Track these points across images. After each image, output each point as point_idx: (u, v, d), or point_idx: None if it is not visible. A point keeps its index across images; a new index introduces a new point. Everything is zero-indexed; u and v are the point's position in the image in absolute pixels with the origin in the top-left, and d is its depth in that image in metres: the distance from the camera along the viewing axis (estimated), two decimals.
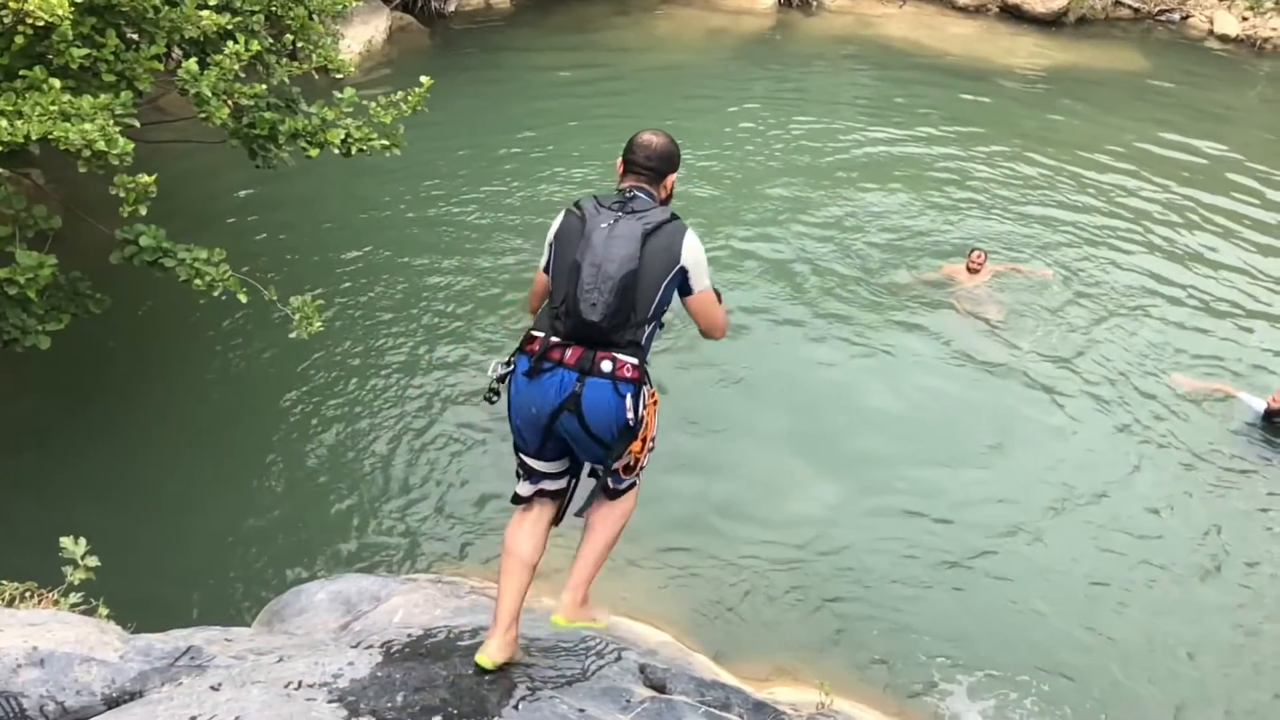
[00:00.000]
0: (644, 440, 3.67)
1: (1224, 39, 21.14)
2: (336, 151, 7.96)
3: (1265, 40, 20.89)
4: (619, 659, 4.32)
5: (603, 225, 3.49)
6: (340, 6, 8.25)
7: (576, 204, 3.66)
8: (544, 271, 3.79)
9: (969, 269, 11.00)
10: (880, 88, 17.00)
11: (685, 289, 3.67)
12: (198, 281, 6.98)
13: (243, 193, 11.61)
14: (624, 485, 3.84)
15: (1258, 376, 9.92)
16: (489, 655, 3.71)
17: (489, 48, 17.53)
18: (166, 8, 6.81)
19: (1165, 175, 14.43)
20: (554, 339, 3.51)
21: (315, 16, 8.06)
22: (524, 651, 4.07)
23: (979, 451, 8.85)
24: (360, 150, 8.08)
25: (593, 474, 3.85)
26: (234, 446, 8.37)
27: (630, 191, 3.68)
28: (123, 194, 6.42)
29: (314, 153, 7.86)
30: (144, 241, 6.92)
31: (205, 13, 6.91)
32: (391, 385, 9.13)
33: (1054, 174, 14.22)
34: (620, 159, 3.81)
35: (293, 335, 7.64)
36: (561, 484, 3.90)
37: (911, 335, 10.25)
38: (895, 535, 7.89)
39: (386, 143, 8.18)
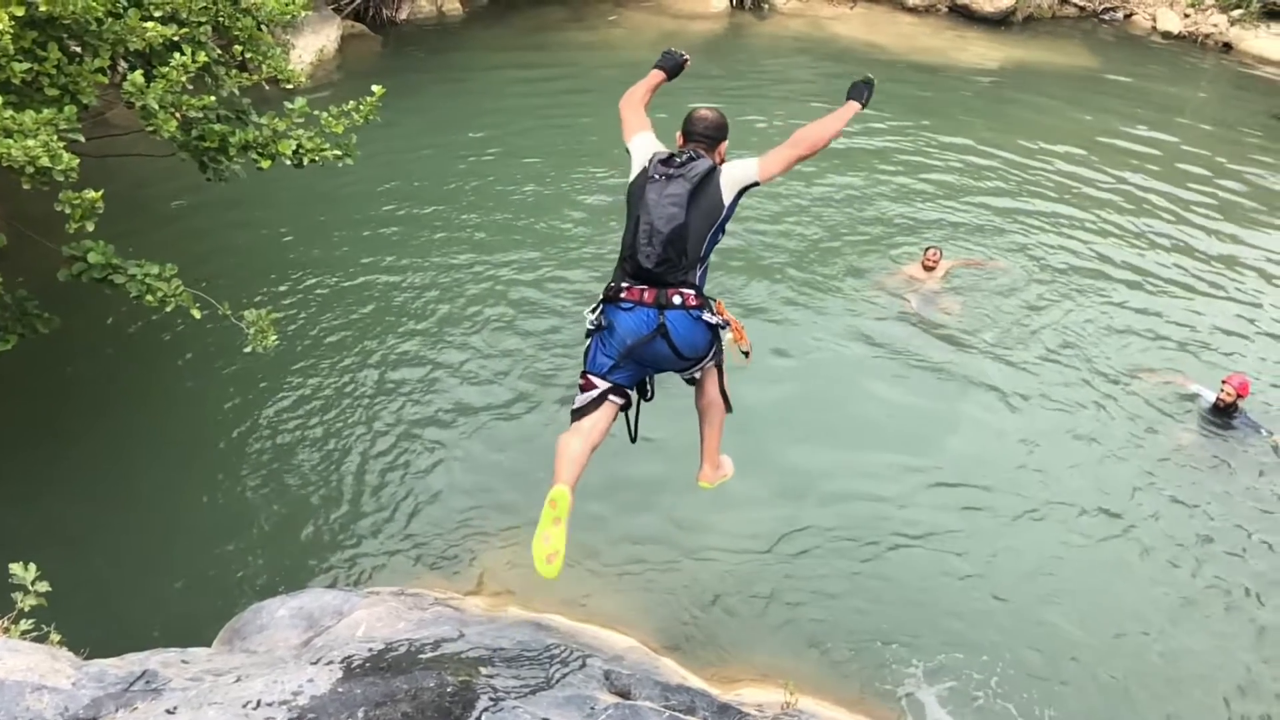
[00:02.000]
0: (736, 330, 4.51)
1: (1167, 35, 21.60)
2: (289, 163, 7.88)
3: (1206, 36, 21.37)
4: (583, 666, 4.31)
5: (657, 186, 4.17)
6: (289, 16, 8.14)
7: (657, 157, 4.31)
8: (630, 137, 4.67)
9: (924, 266, 11.12)
10: (833, 86, 17.02)
11: (749, 185, 4.35)
12: (149, 298, 6.86)
13: (194, 206, 11.46)
14: (715, 368, 4.61)
15: (1210, 372, 10.09)
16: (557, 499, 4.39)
17: (442, 54, 17.46)
18: (110, 20, 6.70)
19: (1116, 166, 14.71)
20: (624, 283, 4.25)
21: (264, 27, 7.96)
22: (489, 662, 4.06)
23: (933, 449, 8.95)
24: (313, 161, 7.98)
25: (689, 380, 4.66)
26: (192, 465, 8.26)
27: (686, 154, 4.27)
28: (69, 210, 6.30)
29: (266, 164, 7.75)
30: (92, 258, 6.79)
31: (150, 24, 6.80)
32: (352, 398, 9.06)
33: (1007, 167, 14.43)
34: (680, 132, 4.47)
35: (248, 350, 7.55)
36: (620, 400, 4.51)
37: (865, 338, 10.33)
38: (854, 533, 7.98)
39: (339, 153, 8.09)
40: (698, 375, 4.59)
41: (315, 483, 8.18)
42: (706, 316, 4.31)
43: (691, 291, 4.27)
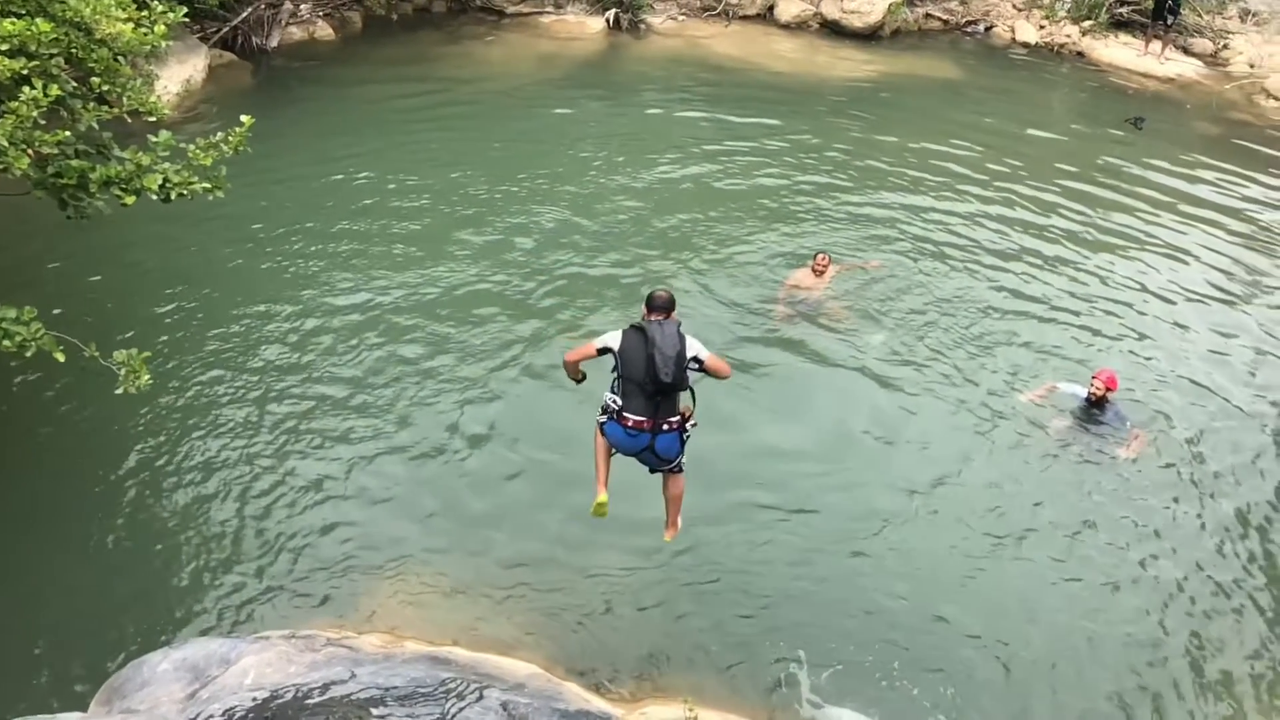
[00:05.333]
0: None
1: (1026, 46, 22.61)
2: (155, 197, 7.60)
3: (1061, 46, 22.50)
4: (480, 698, 4.25)
5: (655, 329, 6.05)
6: (148, 47, 7.88)
7: (633, 326, 6.20)
8: (596, 353, 6.35)
9: (814, 271, 11.38)
10: (711, 105, 17.39)
11: (698, 362, 6.24)
12: (6, 343, 6.54)
13: (54, 245, 10.94)
14: (678, 469, 6.51)
15: (1080, 368, 10.55)
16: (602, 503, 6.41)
17: (315, 81, 17.14)
18: None
19: (985, 171, 15.33)
20: (629, 414, 6.16)
21: (121, 58, 7.69)
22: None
23: (822, 454, 9.15)
24: (181, 195, 7.73)
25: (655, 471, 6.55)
26: (62, 515, 7.87)
27: (660, 318, 6.19)
28: None
29: (130, 200, 7.47)
30: None
31: None
32: (231, 436, 8.78)
33: (883, 177, 14.89)
34: (645, 306, 6.31)
35: (119, 391, 7.24)
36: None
37: (754, 348, 10.48)
38: (745, 541, 8.10)
39: (208, 185, 7.85)
40: (663, 470, 6.47)
41: (196, 527, 7.89)
42: (681, 437, 6.30)
43: (676, 419, 6.23)
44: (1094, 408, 9.61)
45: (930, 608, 7.66)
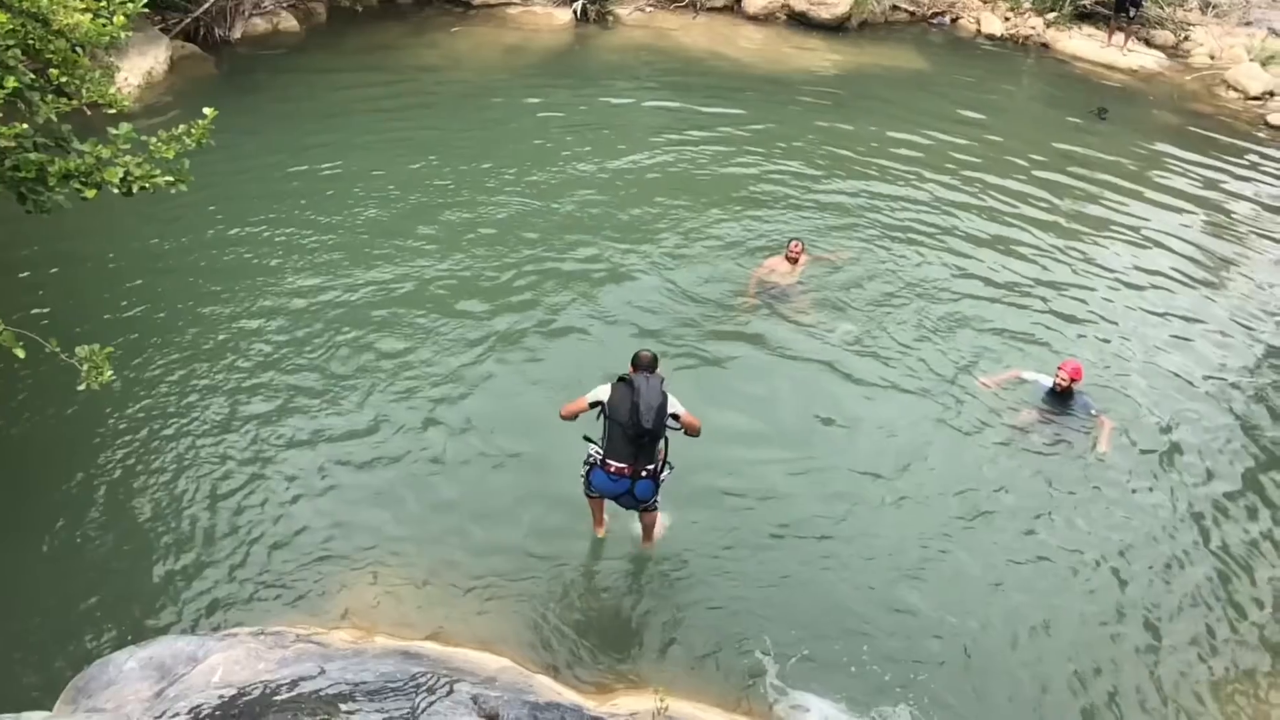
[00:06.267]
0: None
1: (991, 37, 22.84)
2: (117, 191, 7.49)
3: (1026, 37, 22.72)
4: (451, 692, 4.24)
5: (641, 381, 6.77)
6: (107, 38, 7.74)
7: (621, 378, 6.90)
8: (589, 406, 7.02)
9: (788, 258, 11.43)
10: (681, 98, 17.41)
11: (675, 417, 7.00)
12: None
13: (13, 239, 10.76)
14: (654, 507, 7.39)
15: (1047, 356, 10.67)
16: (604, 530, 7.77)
17: (279, 73, 16.95)
18: None
19: (952, 160, 15.48)
20: (612, 460, 6.93)
21: (79, 49, 7.56)
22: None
23: (790, 442, 9.19)
24: (143, 188, 7.62)
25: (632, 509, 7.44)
26: (25, 515, 7.74)
27: (646, 375, 6.86)
28: None
29: (90, 193, 7.35)
30: None
31: None
32: (199, 432, 8.68)
33: (850, 166, 15.00)
34: (631, 364, 7.02)
35: (81, 388, 7.14)
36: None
37: (723, 339, 10.51)
38: (713, 529, 8.12)
39: (171, 179, 7.75)
40: (639, 509, 7.39)
41: (163, 525, 7.80)
42: (656, 483, 7.14)
43: (653, 466, 7.00)
44: (1059, 398, 9.71)
45: (894, 592, 7.74)
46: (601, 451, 6.99)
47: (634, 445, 6.83)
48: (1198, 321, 11.80)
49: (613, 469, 6.91)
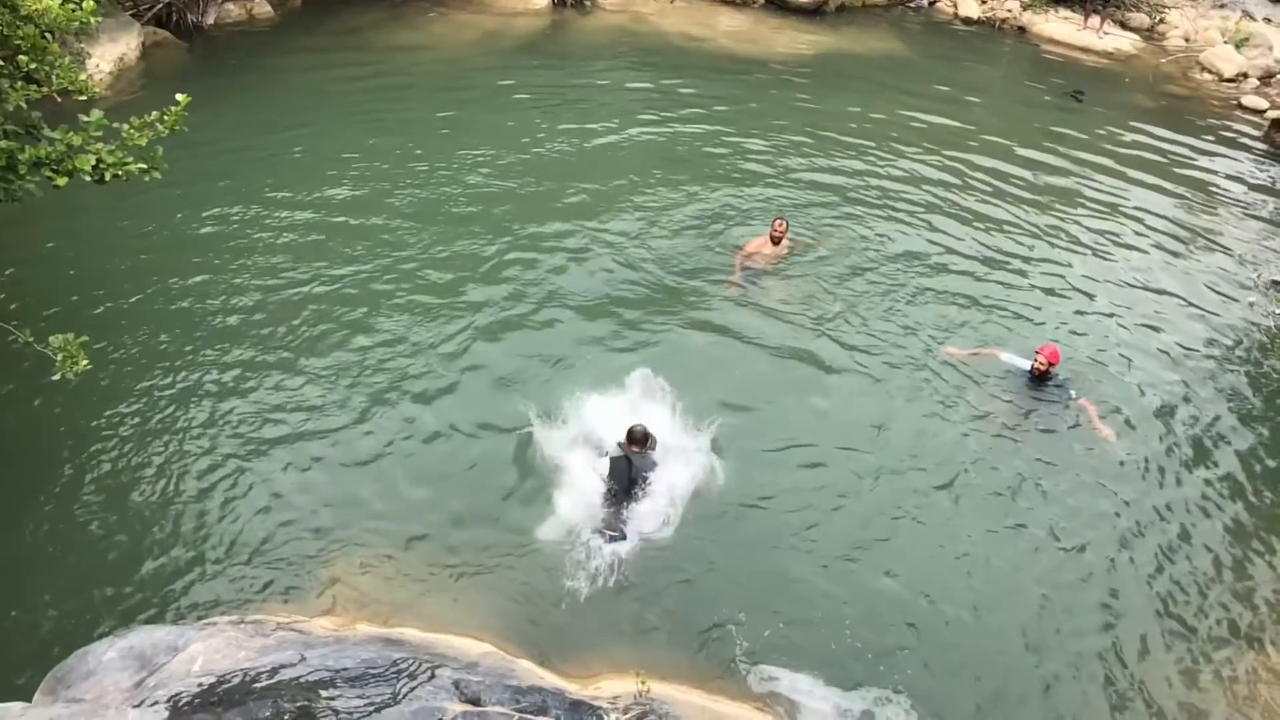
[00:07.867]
0: None
1: (968, 21, 22.85)
2: (89, 179, 7.41)
3: (1003, 21, 22.76)
4: (432, 678, 4.25)
5: (638, 459, 7.80)
6: (77, 24, 7.65)
7: (623, 455, 7.84)
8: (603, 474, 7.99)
9: (772, 238, 11.45)
10: (659, 80, 17.35)
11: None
12: None
13: None
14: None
15: (1025, 340, 10.75)
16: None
17: (254, 58, 16.76)
18: None
19: (931, 143, 15.53)
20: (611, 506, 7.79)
21: (49, 35, 7.47)
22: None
23: (765, 426, 9.21)
24: (116, 176, 7.55)
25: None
26: (2, 506, 7.69)
27: (638, 450, 7.82)
28: None
29: (62, 181, 7.28)
30: None
31: None
32: (175, 422, 8.63)
33: (828, 146, 15.01)
34: (625, 438, 7.87)
35: (56, 377, 7.09)
36: None
37: (704, 326, 10.51)
38: (689, 510, 8.12)
39: (144, 166, 7.67)
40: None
41: (142, 514, 7.76)
42: None
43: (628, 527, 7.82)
44: (1037, 381, 9.78)
45: (872, 569, 7.83)
46: (604, 512, 7.82)
47: (628, 495, 7.93)
48: (1172, 294, 11.97)
49: (608, 537, 7.81)
